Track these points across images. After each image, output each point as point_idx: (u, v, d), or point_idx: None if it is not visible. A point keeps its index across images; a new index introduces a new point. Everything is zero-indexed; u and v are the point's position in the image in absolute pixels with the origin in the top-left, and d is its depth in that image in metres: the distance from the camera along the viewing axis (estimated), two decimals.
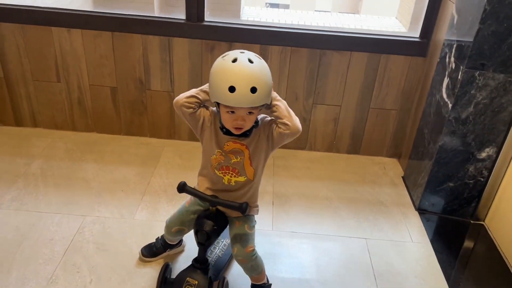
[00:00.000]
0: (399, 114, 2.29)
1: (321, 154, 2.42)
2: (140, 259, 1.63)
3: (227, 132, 1.33)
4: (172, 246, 1.65)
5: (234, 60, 1.20)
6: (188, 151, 2.34)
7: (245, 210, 1.32)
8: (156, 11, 4.18)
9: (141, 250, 1.64)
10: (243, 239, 1.42)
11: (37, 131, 2.38)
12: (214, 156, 1.36)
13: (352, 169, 2.32)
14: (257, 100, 1.20)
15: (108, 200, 1.92)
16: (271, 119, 1.34)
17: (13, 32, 2.13)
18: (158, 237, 1.66)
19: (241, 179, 1.38)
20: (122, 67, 2.21)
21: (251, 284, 1.52)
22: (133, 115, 2.35)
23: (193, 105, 1.31)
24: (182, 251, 1.70)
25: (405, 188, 2.19)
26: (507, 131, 1.74)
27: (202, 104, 1.33)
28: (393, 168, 2.35)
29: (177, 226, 1.48)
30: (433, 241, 1.85)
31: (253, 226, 1.47)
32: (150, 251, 1.64)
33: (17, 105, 2.34)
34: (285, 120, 1.27)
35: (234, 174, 1.37)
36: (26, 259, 1.60)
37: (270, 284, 1.53)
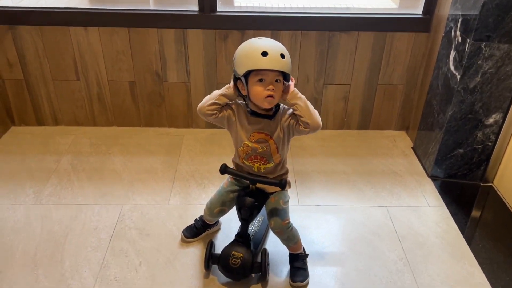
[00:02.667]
0: (405, 89, 2.41)
1: (333, 132, 2.54)
2: (182, 240, 1.74)
3: (254, 113, 1.41)
4: (211, 226, 1.76)
5: (260, 38, 1.37)
6: (207, 138, 2.44)
7: (285, 186, 1.44)
8: (151, 4, 4.21)
9: (183, 232, 1.75)
10: (279, 213, 1.53)
11: (59, 129, 2.46)
12: (241, 147, 1.46)
13: (363, 144, 2.44)
14: (285, 66, 1.32)
15: (141, 189, 2.02)
16: (293, 112, 1.42)
17: (31, 34, 2.19)
18: (197, 218, 1.77)
19: (270, 165, 1.48)
20: (139, 62, 2.29)
21: (289, 253, 1.64)
22: (151, 107, 2.44)
23: (215, 111, 1.42)
24: (219, 229, 1.82)
25: (416, 158, 2.32)
26: None
27: (223, 107, 1.43)
28: (403, 140, 2.48)
29: (218, 206, 1.59)
30: (448, 205, 1.99)
31: (287, 201, 1.58)
32: (191, 232, 1.75)
33: (37, 105, 2.41)
34: (305, 119, 1.35)
35: (262, 162, 1.47)
36: (75, 248, 1.70)
37: (307, 254, 1.65)
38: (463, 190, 2.11)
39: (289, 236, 1.57)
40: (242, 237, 1.56)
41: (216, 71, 2.32)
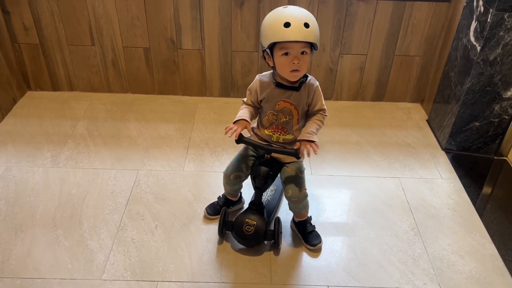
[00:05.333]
0: (422, 60, 2.38)
1: (347, 103, 2.52)
2: (205, 217, 1.72)
3: (280, 85, 1.41)
4: (234, 203, 1.75)
5: (285, 7, 1.34)
6: (220, 106, 2.44)
7: (299, 155, 1.44)
8: None
9: (206, 209, 1.73)
10: (296, 182, 1.54)
11: (75, 94, 2.48)
12: (266, 117, 1.48)
13: (378, 115, 2.43)
14: (310, 35, 1.29)
15: (156, 155, 2.05)
16: (317, 86, 1.45)
17: None
18: (220, 196, 1.76)
19: (289, 137, 1.49)
20: (154, 28, 2.27)
21: (297, 221, 1.66)
22: (165, 74, 2.44)
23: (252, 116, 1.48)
24: (242, 208, 1.79)
25: (430, 130, 2.31)
26: None
27: (254, 111, 1.49)
28: (417, 112, 2.47)
29: (234, 172, 1.59)
30: (461, 177, 1.99)
31: (303, 171, 1.58)
32: (214, 210, 1.73)
33: (53, 70, 2.42)
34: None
35: (282, 133, 1.49)
36: (93, 210, 1.75)
37: (311, 216, 1.67)
38: (476, 163, 2.11)
39: (304, 205, 1.59)
40: (256, 205, 1.59)
41: (231, 39, 2.30)
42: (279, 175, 1.59)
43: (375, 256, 1.61)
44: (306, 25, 1.28)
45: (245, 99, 1.51)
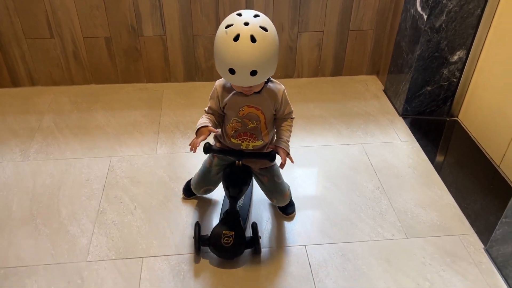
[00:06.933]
0: (375, 33, 2.51)
1: (308, 79, 2.63)
2: (183, 198, 1.77)
3: (239, 92, 1.35)
4: None
5: (236, 38, 1.16)
6: (186, 91, 2.48)
7: (274, 157, 1.38)
8: None
9: (182, 191, 1.77)
10: (279, 190, 1.56)
11: (37, 89, 2.45)
12: (230, 124, 1.40)
13: (337, 89, 2.55)
14: (256, 81, 1.23)
15: (127, 141, 2.07)
16: (283, 91, 1.40)
17: None
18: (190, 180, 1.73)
19: (258, 143, 1.44)
20: (113, 16, 2.28)
21: (278, 207, 1.71)
22: (128, 62, 2.44)
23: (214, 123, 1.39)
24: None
25: (387, 99, 2.45)
26: (475, 34, 2.00)
27: (217, 120, 1.41)
28: (374, 83, 2.61)
29: (204, 187, 1.60)
30: (418, 139, 2.14)
31: (280, 174, 1.56)
32: (188, 193, 1.75)
33: (12, 66, 2.37)
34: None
35: (251, 139, 1.42)
36: (70, 199, 1.76)
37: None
38: (431, 125, 2.27)
39: (290, 202, 1.68)
40: (231, 215, 1.50)
41: (192, 23, 2.34)
42: (258, 185, 1.59)
43: (346, 215, 1.72)
44: (253, 72, 1.18)
45: (206, 108, 1.44)
